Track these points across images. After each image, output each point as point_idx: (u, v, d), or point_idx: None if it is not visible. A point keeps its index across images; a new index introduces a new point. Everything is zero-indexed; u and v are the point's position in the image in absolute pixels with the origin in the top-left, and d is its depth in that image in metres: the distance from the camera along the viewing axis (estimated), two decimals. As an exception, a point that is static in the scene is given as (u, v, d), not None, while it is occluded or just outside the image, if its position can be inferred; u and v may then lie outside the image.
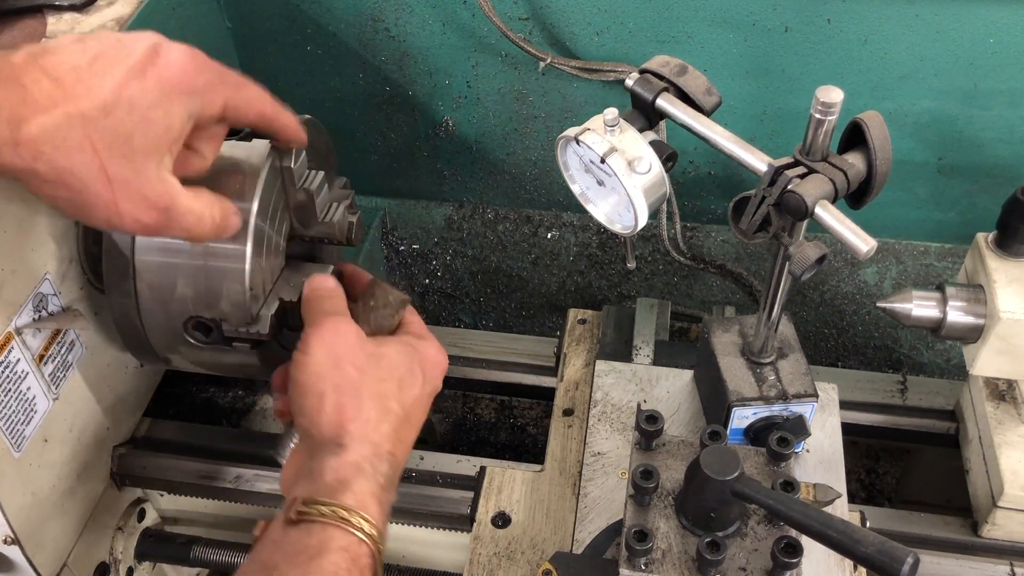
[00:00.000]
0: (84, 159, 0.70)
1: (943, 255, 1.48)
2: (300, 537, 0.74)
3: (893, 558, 0.71)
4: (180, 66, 0.75)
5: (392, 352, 0.86)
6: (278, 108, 0.86)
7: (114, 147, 0.71)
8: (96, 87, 0.70)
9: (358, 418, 0.80)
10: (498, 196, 1.59)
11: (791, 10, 1.23)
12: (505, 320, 1.78)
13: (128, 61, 0.72)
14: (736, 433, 1.04)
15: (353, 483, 0.77)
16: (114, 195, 0.73)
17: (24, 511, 1.02)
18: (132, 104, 0.71)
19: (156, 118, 0.73)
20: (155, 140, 0.73)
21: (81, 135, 0.70)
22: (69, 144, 0.70)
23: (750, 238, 0.88)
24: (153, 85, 0.73)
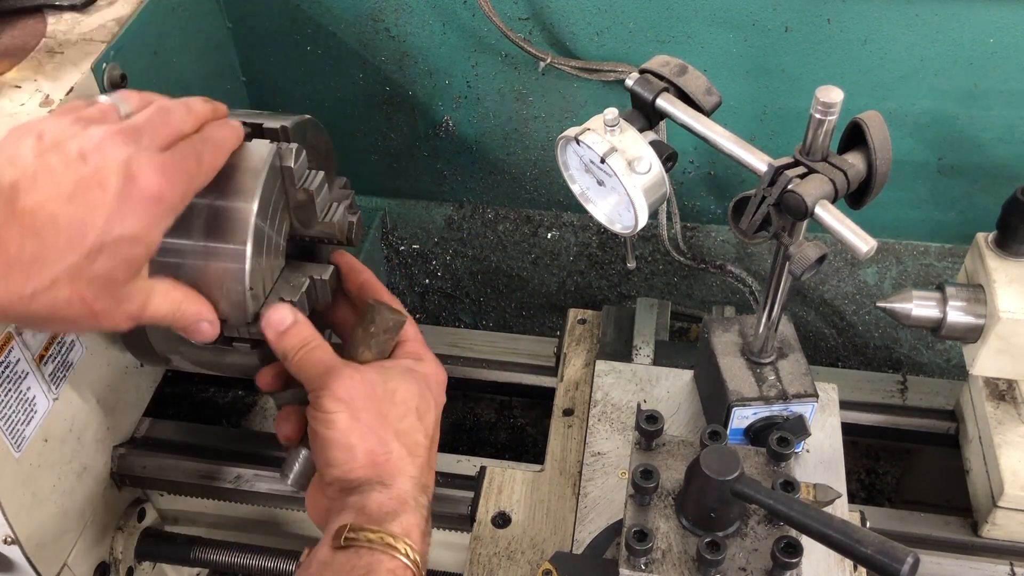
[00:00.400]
0: (73, 309, 0.71)
1: (943, 255, 1.48)
2: (349, 559, 0.77)
3: (893, 558, 0.71)
4: (157, 190, 0.72)
5: (402, 386, 0.88)
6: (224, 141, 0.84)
7: (100, 289, 0.72)
8: (78, 236, 0.69)
9: (390, 460, 0.83)
10: (498, 196, 1.59)
11: (791, 10, 1.23)
12: (505, 320, 1.78)
13: (105, 199, 0.70)
14: (736, 433, 1.04)
15: (400, 514, 0.80)
16: (97, 321, 0.75)
17: (24, 511, 1.02)
18: (116, 246, 0.71)
19: (138, 251, 0.73)
20: (136, 266, 0.74)
21: (70, 291, 0.70)
22: (58, 302, 0.70)
23: (750, 238, 0.88)
24: (133, 219, 0.71)
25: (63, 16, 1.10)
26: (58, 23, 1.09)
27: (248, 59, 1.47)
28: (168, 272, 0.93)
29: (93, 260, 0.70)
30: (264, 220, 0.93)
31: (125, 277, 0.74)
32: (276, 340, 0.87)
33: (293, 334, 0.87)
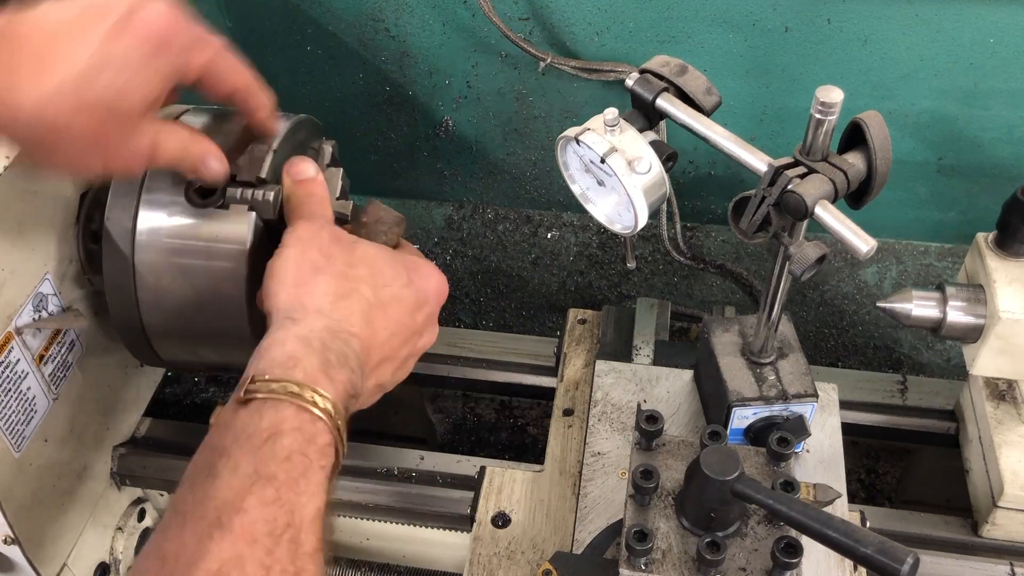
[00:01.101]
0: (79, 122, 0.72)
1: (943, 255, 1.48)
2: (250, 419, 0.68)
3: (893, 558, 0.71)
4: (160, 24, 0.74)
5: (371, 248, 0.83)
6: (255, 86, 0.88)
7: (105, 110, 0.73)
8: (79, 51, 0.71)
9: (312, 291, 0.76)
10: (498, 196, 1.59)
11: (791, 10, 1.23)
12: (505, 320, 1.78)
13: (106, 21, 0.72)
14: (736, 433, 1.04)
15: (302, 358, 0.71)
16: (105, 153, 0.76)
17: (24, 511, 1.02)
18: (117, 65, 0.72)
19: (142, 75, 0.74)
20: (142, 96, 0.75)
21: (75, 101, 0.71)
22: (63, 111, 0.71)
23: (750, 238, 0.88)
24: (136, 43, 0.73)
25: (63, 16, 1.10)
26: (58, 23, 1.09)
27: (248, 59, 1.47)
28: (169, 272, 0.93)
29: (96, 76, 0.71)
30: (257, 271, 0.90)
31: (131, 105, 0.74)
32: (289, 185, 0.87)
33: (305, 185, 0.87)
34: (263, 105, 0.90)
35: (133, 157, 0.79)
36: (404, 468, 1.22)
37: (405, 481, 1.21)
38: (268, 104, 0.90)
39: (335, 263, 0.79)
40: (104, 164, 0.78)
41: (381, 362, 0.80)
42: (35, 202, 0.98)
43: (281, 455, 0.66)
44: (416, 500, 1.19)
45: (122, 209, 0.94)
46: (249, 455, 0.66)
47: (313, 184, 0.87)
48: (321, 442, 0.69)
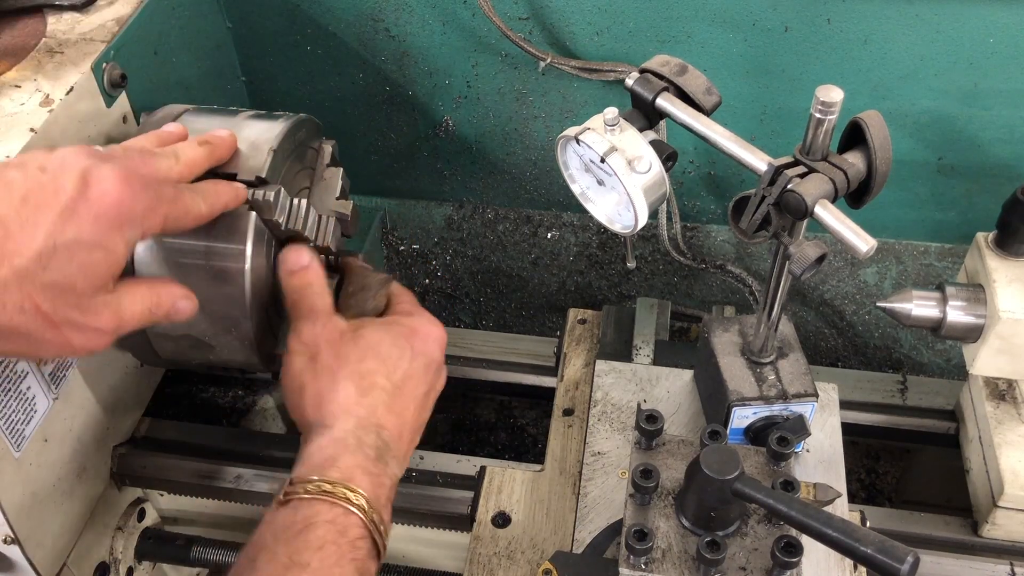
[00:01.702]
0: (26, 317, 0.68)
1: (943, 255, 1.48)
2: (288, 515, 0.75)
3: (893, 558, 0.71)
4: (115, 196, 0.70)
5: (372, 334, 0.85)
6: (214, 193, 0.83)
7: (57, 298, 0.68)
8: (28, 238, 0.67)
9: (335, 399, 0.80)
10: (498, 196, 1.59)
11: (791, 10, 1.23)
12: (505, 320, 1.78)
13: (58, 201, 0.68)
14: (736, 433, 1.04)
15: (339, 458, 0.76)
16: (63, 335, 0.71)
17: (24, 511, 1.02)
18: (70, 251, 0.68)
19: (97, 258, 0.70)
20: (98, 278, 0.71)
21: (20, 296, 0.67)
22: (9, 307, 0.67)
23: (750, 238, 0.88)
24: (89, 224, 0.69)
25: (63, 16, 1.10)
26: (58, 23, 1.09)
27: (248, 59, 1.47)
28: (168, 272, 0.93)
29: (45, 264, 0.67)
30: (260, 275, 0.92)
31: (86, 286, 0.70)
32: (285, 277, 0.88)
33: (300, 275, 0.87)
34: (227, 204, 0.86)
35: (93, 336, 0.73)
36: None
37: (405, 481, 1.20)
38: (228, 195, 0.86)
39: (347, 362, 0.82)
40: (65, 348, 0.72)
41: (411, 434, 0.86)
42: (35, 202, 0.97)
43: (315, 544, 0.72)
44: (416, 500, 1.19)
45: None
46: (285, 545, 0.72)
47: (309, 273, 0.87)
48: (353, 534, 0.74)
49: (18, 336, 0.69)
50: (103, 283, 0.72)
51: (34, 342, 0.70)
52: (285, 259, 0.88)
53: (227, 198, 0.85)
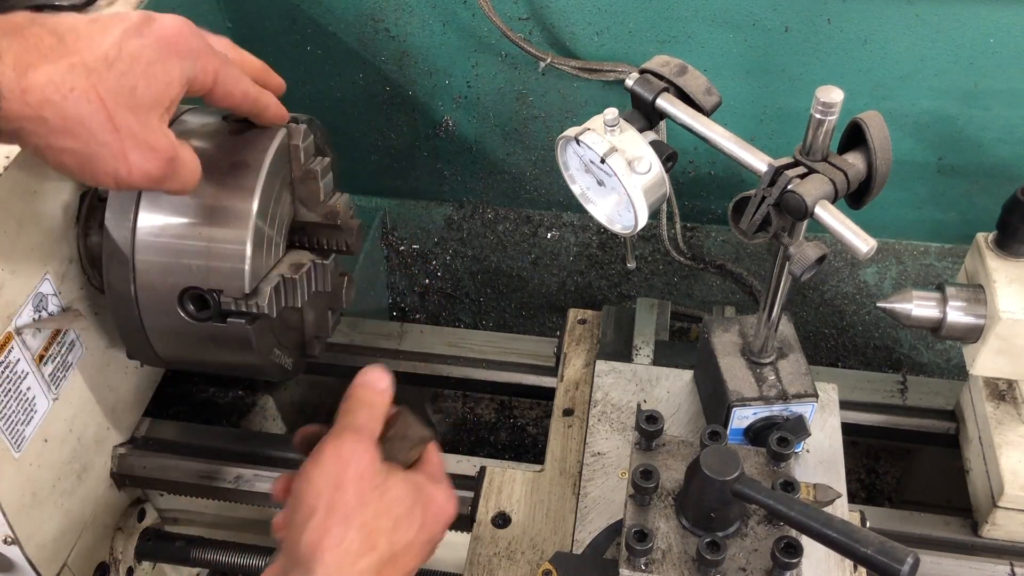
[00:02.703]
0: (91, 108, 0.73)
1: (943, 255, 1.48)
2: None
3: (893, 558, 0.71)
4: (175, 29, 0.78)
5: (398, 488, 0.81)
6: (259, 90, 0.90)
7: (119, 98, 0.74)
8: (97, 42, 0.73)
9: (338, 547, 0.75)
10: (498, 196, 1.59)
11: (791, 10, 1.23)
12: (505, 320, 1.78)
13: (125, 22, 0.76)
14: (736, 433, 1.04)
15: None
16: (122, 145, 0.75)
17: (24, 511, 1.02)
18: (133, 58, 0.74)
19: (156, 73, 0.76)
20: (157, 94, 0.76)
21: (87, 84, 0.72)
22: (76, 93, 0.72)
23: (750, 238, 0.88)
24: (151, 43, 0.76)
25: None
26: (58, 23, 1.09)
27: (248, 59, 1.47)
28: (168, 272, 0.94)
29: (111, 64, 0.73)
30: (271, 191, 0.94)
31: (146, 97, 0.75)
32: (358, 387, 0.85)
33: (372, 393, 0.85)
34: (269, 105, 0.92)
35: (150, 156, 0.77)
36: (404, 468, 1.22)
37: (405, 481, 1.21)
38: (273, 102, 0.93)
39: (365, 511, 0.78)
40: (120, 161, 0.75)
41: None
42: (35, 202, 0.98)
43: None
44: (416, 500, 1.19)
45: (122, 209, 0.94)
46: None
47: (379, 396, 0.85)
48: None
49: (81, 129, 0.73)
50: (161, 103, 0.77)
51: (94, 142, 0.74)
52: (367, 372, 0.86)
53: (275, 103, 0.92)
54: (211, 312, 0.95)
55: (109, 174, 0.76)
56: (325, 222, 1.04)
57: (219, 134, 0.97)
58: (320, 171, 1.00)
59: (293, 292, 0.99)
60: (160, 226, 0.93)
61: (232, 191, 0.93)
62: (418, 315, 1.81)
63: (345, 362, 1.41)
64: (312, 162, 1.01)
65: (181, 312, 0.95)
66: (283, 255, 1.01)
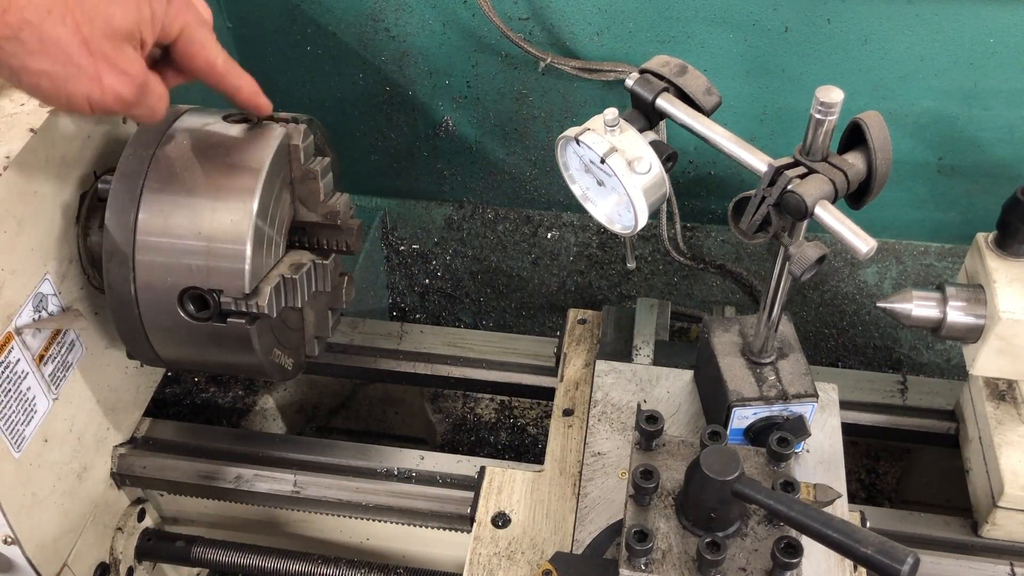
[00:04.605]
0: (68, 31, 0.74)
1: (943, 255, 1.48)
2: None
3: (893, 558, 0.71)
4: None
5: None
6: (229, 65, 0.89)
7: (95, 23, 0.75)
8: None
9: None
10: (498, 196, 1.59)
11: (791, 10, 1.23)
12: (505, 320, 1.78)
13: None
14: (736, 433, 1.04)
15: None
16: (96, 67, 0.77)
17: (24, 511, 1.02)
18: None
19: (130, 5, 0.78)
20: (131, 25, 0.78)
21: (64, 8, 0.74)
22: (54, 16, 0.73)
23: (750, 238, 0.88)
24: None
25: (63, 16, 1.10)
26: (58, 23, 1.09)
27: (248, 59, 1.47)
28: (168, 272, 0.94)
29: None
30: (271, 190, 0.94)
31: (120, 24, 0.77)
32: None
33: None
34: (241, 87, 0.91)
35: (123, 79, 0.79)
36: (404, 468, 1.22)
37: (405, 481, 1.21)
38: (248, 85, 0.92)
39: None
40: (95, 83, 0.78)
41: None
42: (35, 202, 0.98)
43: None
44: (416, 500, 1.19)
45: (122, 209, 0.94)
46: None
47: None
48: None
49: (57, 51, 0.75)
50: (133, 33, 0.79)
51: (70, 63, 0.76)
52: None
53: (248, 86, 0.92)
54: (211, 312, 0.95)
55: (83, 96, 0.79)
56: (325, 222, 1.04)
57: (219, 134, 0.97)
58: (320, 171, 1.00)
59: (293, 292, 0.99)
60: (160, 226, 0.93)
61: (232, 192, 0.93)
62: (418, 315, 1.81)
63: (345, 362, 1.41)
64: (312, 162, 1.01)
65: (181, 312, 0.96)
66: (283, 255, 1.02)
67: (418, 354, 1.40)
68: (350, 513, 1.22)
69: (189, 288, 0.94)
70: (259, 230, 0.94)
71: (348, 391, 1.76)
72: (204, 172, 0.90)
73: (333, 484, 1.21)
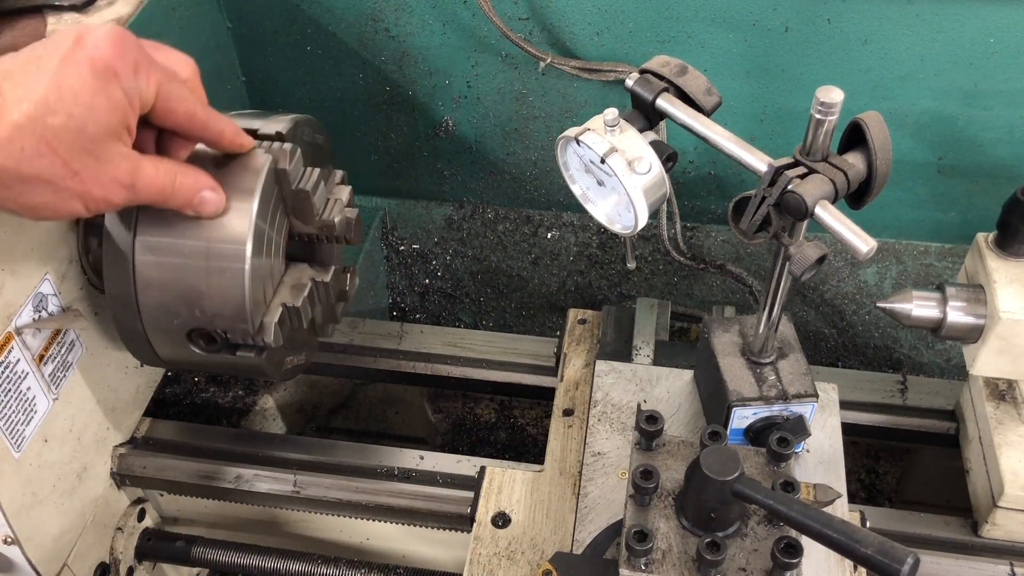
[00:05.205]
0: (46, 162, 0.73)
1: (943, 255, 1.48)
2: None
3: (893, 558, 0.71)
4: (109, 47, 0.75)
5: None
6: (211, 114, 0.86)
7: (71, 142, 0.73)
8: (33, 86, 0.72)
9: None
10: (498, 196, 1.59)
11: (791, 10, 1.23)
12: (505, 320, 1.78)
13: (57, 54, 0.74)
14: (736, 433, 1.04)
15: None
16: (84, 185, 0.76)
17: (24, 511, 1.02)
18: (75, 95, 0.73)
19: (100, 103, 0.74)
20: (107, 124, 0.76)
21: (35, 139, 0.72)
22: (27, 152, 0.72)
23: (750, 238, 0.88)
24: (87, 71, 0.74)
25: (63, 16, 1.10)
26: (58, 23, 1.09)
27: (248, 59, 1.47)
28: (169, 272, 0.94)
29: (53, 107, 0.72)
30: (263, 225, 0.94)
31: (96, 131, 0.74)
32: None
33: None
34: (225, 130, 0.88)
35: (111, 187, 0.78)
36: (404, 468, 1.22)
37: (405, 481, 1.21)
38: (230, 126, 0.89)
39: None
40: (84, 202, 0.78)
41: None
42: (35, 202, 0.97)
43: None
44: (416, 500, 1.19)
45: (122, 209, 0.94)
46: None
47: None
48: None
49: (41, 182, 0.74)
50: (113, 131, 0.76)
51: (58, 191, 0.75)
52: None
53: (232, 130, 0.89)
54: (220, 345, 0.97)
55: (81, 210, 0.79)
56: (322, 233, 1.03)
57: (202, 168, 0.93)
58: (311, 188, 0.98)
59: (297, 317, 1.00)
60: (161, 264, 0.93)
61: (224, 240, 0.91)
62: (418, 315, 1.81)
63: (345, 362, 1.41)
64: (303, 180, 0.98)
65: (192, 347, 0.97)
66: (284, 271, 1.02)
67: (418, 354, 1.40)
68: (350, 513, 1.22)
69: (195, 328, 0.95)
70: (256, 269, 0.92)
71: (348, 391, 1.77)
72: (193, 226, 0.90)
73: (333, 484, 1.21)
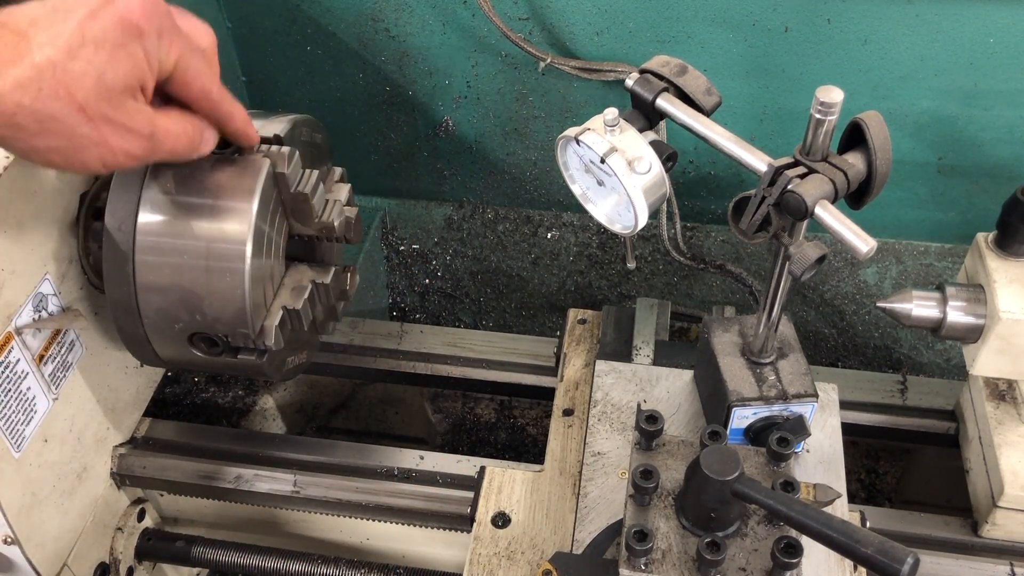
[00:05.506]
0: (62, 104, 0.73)
1: (943, 255, 1.48)
2: None
3: (893, 558, 0.71)
4: (136, 6, 0.76)
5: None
6: (223, 94, 0.87)
7: (88, 87, 0.73)
8: (57, 33, 0.72)
9: None
10: (498, 196, 1.59)
11: (791, 10, 1.23)
12: (505, 320, 1.78)
13: (85, 7, 0.74)
14: (736, 433, 1.04)
15: None
16: (100, 132, 0.76)
17: (24, 511, 1.02)
18: (97, 43, 0.73)
19: (121, 57, 0.75)
20: (126, 77, 0.76)
21: (54, 81, 0.72)
22: (45, 93, 0.72)
23: (750, 238, 0.88)
24: (112, 24, 0.74)
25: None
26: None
27: (248, 59, 1.47)
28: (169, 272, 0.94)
29: (74, 54, 0.72)
30: (263, 226, 0.94)
31: (115, 82, 0.75)
32: None
33: None
34: (235, 114, 0.89)
35: (130, 137, 0.78)
36: (404, 468, 1.22)
37: (405, 481, 1.21)
38: (241, 114, 0.89)
39: None
40: (100, 153, 0.77)
41: None
42: (35, 202, 0.98)
43: None
44: (416, 500, 1.19)
45: (122, 208, 0.94)
46: None
47: None
48: None
49: (57, 127, 0.73)
50: (131, 85, 0.77)
51: (72, 137, 0.75)
52: None
53: (242, 118, 0.90)
54: (221, 349, 0.97)
55: (95, 161, 0.78)
56: (321, 235, 1.03)
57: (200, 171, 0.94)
58: (310, 191, 0.98)
59: (298, 319, 1.00)
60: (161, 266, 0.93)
61: (224, 241, 0.92)
62: (418, 315, 1.81)
63: (345, 362, 1.41)
64: (302, 182, 0.98)
65: (193, 350, 0.98)
66: (284, 273, 1.02)
67: (418, 354, 1.40)
68: (350, 513, 1.22)
69: (196, 332, 0.96)
70: (257, 272, 0.93)
71: (348, 391, 1.77)
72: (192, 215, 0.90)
73: (333, 484, 1.21)
